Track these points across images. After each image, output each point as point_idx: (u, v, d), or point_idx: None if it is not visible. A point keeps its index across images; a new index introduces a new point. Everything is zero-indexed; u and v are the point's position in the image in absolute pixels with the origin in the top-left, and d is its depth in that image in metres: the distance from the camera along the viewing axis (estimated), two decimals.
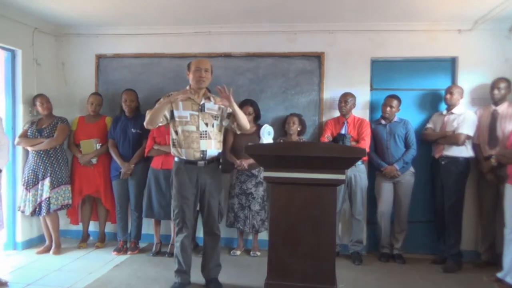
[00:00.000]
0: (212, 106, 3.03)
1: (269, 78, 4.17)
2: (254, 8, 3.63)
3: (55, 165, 3.86)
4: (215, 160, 3.05)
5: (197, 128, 2.95)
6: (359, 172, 3.78)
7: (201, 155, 2.95)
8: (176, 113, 2.96)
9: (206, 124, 2.97)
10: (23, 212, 3.86)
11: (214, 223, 3.07)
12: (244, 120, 3.04)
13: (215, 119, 3.02)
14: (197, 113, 2.97)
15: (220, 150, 3.10)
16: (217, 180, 3.07)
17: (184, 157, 2.96)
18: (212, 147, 2.99)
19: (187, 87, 3.05)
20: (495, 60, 3.84)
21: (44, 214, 3.80)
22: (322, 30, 4.04)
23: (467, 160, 3.64)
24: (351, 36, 4.04)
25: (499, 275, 3.09)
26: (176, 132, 2.98)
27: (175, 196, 2.99)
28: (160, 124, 2.98)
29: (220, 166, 3.14)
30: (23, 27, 3.95)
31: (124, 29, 4.26)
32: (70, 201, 3.95)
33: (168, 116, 2.95)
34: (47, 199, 3.78)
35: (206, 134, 2.96)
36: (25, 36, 4.01)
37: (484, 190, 3.67)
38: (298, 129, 3.87)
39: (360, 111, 3.98)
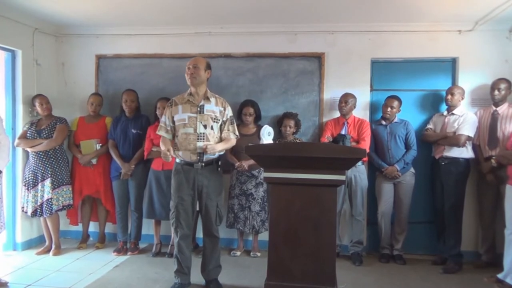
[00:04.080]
0: (212, 107, 3.01)
1: (269, 79, 4.17)
2: (254, 9, 3.63)
3: (55, 166, 3.85)
4: (214, 162, 3.03)
5: (195, 130, 2.93)
6: (359, 172, 3.78)
7: (198, 157, 2.94)
8: (176, 117, 2.97)
9: (205, 126, 2.95)
10: (26, 212, 3.86)
11: (212, 225, 3.04)
12: (229, 146, 3.15)
13: (214, 121, 2.99)
14: (195, 115, 2.96)
15: (221, 152, 3.09)
16: (215, 182, 3.04)
17: (182, 159, 2.96)
18: None
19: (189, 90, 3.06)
20: (495, 61, 3.84)
21: (47, 215, 3.80)
22: (322, 31, 4.04)
23: (467, 160, 3.64)
24: (351, 37, 4.03)
25: (500, 276, 3.09)
26: (177, 136, 2.99)
27: (172, 196, 3.01)
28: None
29: (219, 168, 3.09)
30: (23, 28, 3.95)
31: (124, 29, 4.25)
32: (71, 202, 3.96)
33: (173, 125, 3.02)
34: (49, 200, 3.78)
35: (203, 136, 2.94)
36: (25, 36, 4.00)
37: (484, 191, 3.66)
38: (293, 131, 3.88)
39: (360, 112, 3.98)
